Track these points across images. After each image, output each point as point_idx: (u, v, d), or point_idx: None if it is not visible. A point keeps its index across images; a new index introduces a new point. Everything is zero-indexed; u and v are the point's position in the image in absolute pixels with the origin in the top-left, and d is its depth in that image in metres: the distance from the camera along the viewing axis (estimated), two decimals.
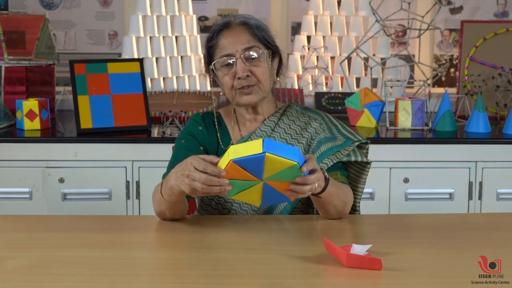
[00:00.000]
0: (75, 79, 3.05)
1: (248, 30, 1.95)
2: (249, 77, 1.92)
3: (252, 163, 1.55)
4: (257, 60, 1.93)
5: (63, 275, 1.45)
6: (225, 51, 1.93)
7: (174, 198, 1.75)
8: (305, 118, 2.02)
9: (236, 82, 1.93)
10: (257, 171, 1.58)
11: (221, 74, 1.96)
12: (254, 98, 1.94)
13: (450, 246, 1.66)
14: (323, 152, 1.94)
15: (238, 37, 1.93)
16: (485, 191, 2.95)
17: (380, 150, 2.91)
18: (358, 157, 1.95)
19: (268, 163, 1.55)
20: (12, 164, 2.89)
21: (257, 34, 1.95)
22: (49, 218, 2.20)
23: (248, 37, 1.94)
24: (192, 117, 2.08)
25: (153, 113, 3.21)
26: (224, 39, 1.94)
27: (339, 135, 1.97)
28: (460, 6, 3.89)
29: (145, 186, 2.89)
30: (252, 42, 1.93)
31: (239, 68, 1.91)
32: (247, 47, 1.92)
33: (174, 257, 1.59)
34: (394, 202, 2.94)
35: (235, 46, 1.92)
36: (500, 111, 3.40)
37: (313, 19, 3.81)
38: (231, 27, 1.95)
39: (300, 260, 1.53)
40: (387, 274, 1.45)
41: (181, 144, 2.00)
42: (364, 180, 2.00)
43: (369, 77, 3.64)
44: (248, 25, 1.95)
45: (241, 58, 1.91)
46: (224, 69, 1.94)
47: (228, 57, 1.92)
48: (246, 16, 1.99)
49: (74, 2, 3.82)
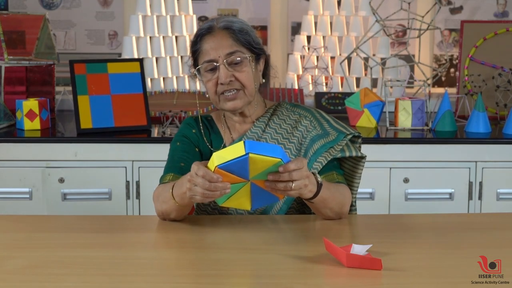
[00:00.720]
0: (75, 79, 3.05)
1: (231, 34, 1.93)
2: (233, 81, 1.91)
3: (237, 165, 1.57)
4: (240, 64, 1.91)
5: (63, 275, 1.45)
6: (208, 57, 1.91)
7: (186, 202, 1.76)
8: (295, 116, 2.02)
9: (220, 87, 1.92)
10: (243, 173, 1.59)
11: (205, 79, 1.95)
12: (239, 103, 1.93)
13: (450, 246, 1.66)
14: (317, 150, 1.93)
15: (221, 42, 1.91)
16: (485, 191, 2.95)
17: (380, 150, 2.91)
18: (353, 152, 1.95)
19: (252, 164, 1.57)
20: (12, 164, 2.89)
21: (239, 39, 1.93)
22: (49, 218, 2.20)
23: (231, 42, 1.92)
24: (185, 120, 2.08)
25: (153, 113, 3.21)
26: (206, 44, 1.92)
27: (331, 130, 1.96)
28: (460, 6, 3.89)
29: (145, 186, 2.89)
30: (235, 46, 1.92)
31: (222, 74, 1.90)
32: (230, 52, 1.90)
33: (174, 257, 1.59)
34: (394, 202, 2.94)
35: (218, 52, 1.90)
36: (500, 111, 3.40)
37: (313, 19, 3.81)
38: (213, 31, 1.93)
39: (300, 260, 1.53)
40: (387, 274, 1.45)
41: (176, 146, 2.00)
42: (359, 175, 2.00)
43: (369, 77, 3.64)
44: (230, 29, 1.93)
45: (224, 64, 1.90)
46: (208, 74, 1.93)
47: (211, 62, 1.91)
48: (229, 19, 1.96)
49: (74, 2, 3.82)
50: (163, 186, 1.88)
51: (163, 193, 1.84)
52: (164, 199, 1.82)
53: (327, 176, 1.91)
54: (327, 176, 1.91)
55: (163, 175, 1.96)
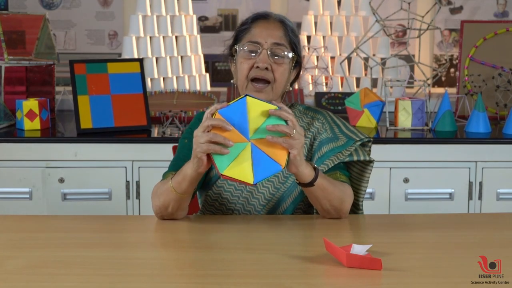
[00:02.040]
0: (75, 79, 3.05)
1: (284, 29, 1.94)
2: (268, 71, 1.90)
3: (236, 110, 1.66)
4: (281, 59, 1.91)
5: (63, 275, 1.45)
6: (254, 38, 1.91)
7: (184, 187, 1.75)
8: (308, 119, 2.02)
9: (253, 71, 1.90)
10: (243, 124, 1.65)
11: (240, 60, 1.93)
12: (264, 97, 1.89)
13: (450, 246, 1.66)
14: (325, 153, 1.93)
15: (272, 31, 1.92)
16: (485, 191, 2.95)
17: (380, 150, 2.90)
18: (361, 156, 1.94)
19: (251, 109, 1.65)
20: (12, 164, 2.89)
21: (290, 36, 1.94)
22: (49, 218, 2.20)
23: (281, 34, 1.93)
24: (197, 115, 2.06)
25: (153, 113, 3.21)
26: (257, 27, 1.93)
27: (341, 135, 1.96)
28: (460, 6, 3.89)
29: (145, 186, 2.89)
30: (283, 40, 1.92)
31: (261, 57, 1.89)
32: (277, 43, 1.91)
33: (174, 257, 1.59)
34: (394, 202, 2.94)
35: (266, 37, 1.90)
36: (500, 111, 3.40)
37: (313, 19, 3.81)
38: (268, 19, 1.95)
39: (300, 260, 1.53)
40: (387, 274, 1.45)
41: (184, 144, 1.98)
42: (367, 179, 2.00)
43: (369, 77, 3.64)
44: (285, 24, 1.95)
45: (267, 50, 1.90)
46: (246, 55, 1.91)
47: (255, 44, 1.90)
48: (285, 17, 1.99)
49: (74, 2, 3.82)
50: (162, 182, 1.88)
51: (161, 186, 1.83)
52: (162, 191, 1.81)
53: (330, 175, 1.90)
54: (331, 175, 1.91)
55: (166, 172, 1.95)
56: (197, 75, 3.74)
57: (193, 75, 3.73)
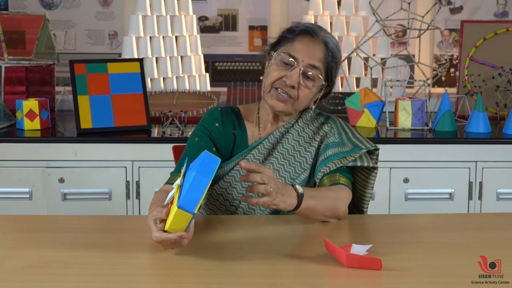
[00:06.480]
0: (75, 79, 3.05)
1: (325, 52, 1.93)
2: (294, 89, 1.90)
3: None
4: (311, 82, 1.91)
5: (63, 275, 1.45)
6: (293, 52, 1.90)
7: None
8: (317, 124, 2.02)
9: (280, 82, 1.90)
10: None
11: (273, 66, 1.93)
12: (283, 107, 1.92)
13: (450, 246, 1.66)
14: (329, 156, 1.93)
15: (313, 51, 1.91)
16: (485, 191, 2.95)
17: (380, 150, 2.88)
18: (365, 162, 1.94)
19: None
20: (12, 164, 2.89)
21: (328, 62, 1.93)
22: (49, 218, 2.20)
23: (321, 57, 1.92)
24: (210, 111, 2.04)
25: (153, 113, 3.21)
26: (300, 43, 1.92)
27: (348, 142, 1.96)
28: (460, 6, 3.89)
29: (145, 186, 2.89)
30: (320, 63, 1.92)
31: (292, 75, 1.89)
32: (313, 65, 1.90)
33: (174, 257, 1.59)
34: (394, 202, 2.94)
35: (304, 56, 1.90)
36: (500, 111, 3.40)
37: (313, 19, 3.81)
38: (315, 36, 1.93)
39: (300, 260, 1.53)
40: (387, 274, 1.45)
41: (194, 142, 1.96)
42: (371, 185, 2.00)
43: (369, 77, 3.64)
44: (327, 47, 1.93)
45: (300, 70, 1.89)
46: (279, 64, 1.92)
47: (291, 58, 1.90)
48: (332, 39, 1.96)
49: (74, 2, 3.82)
50: (159, 193, 1.85)
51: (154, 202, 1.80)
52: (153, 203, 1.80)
53: (329, 178, 1.90)
54: (330, 177, 1.91)
55: (172, 173, 1.94)
56: (197, 75, 3.74)
57: (193, 75, 3.73)
